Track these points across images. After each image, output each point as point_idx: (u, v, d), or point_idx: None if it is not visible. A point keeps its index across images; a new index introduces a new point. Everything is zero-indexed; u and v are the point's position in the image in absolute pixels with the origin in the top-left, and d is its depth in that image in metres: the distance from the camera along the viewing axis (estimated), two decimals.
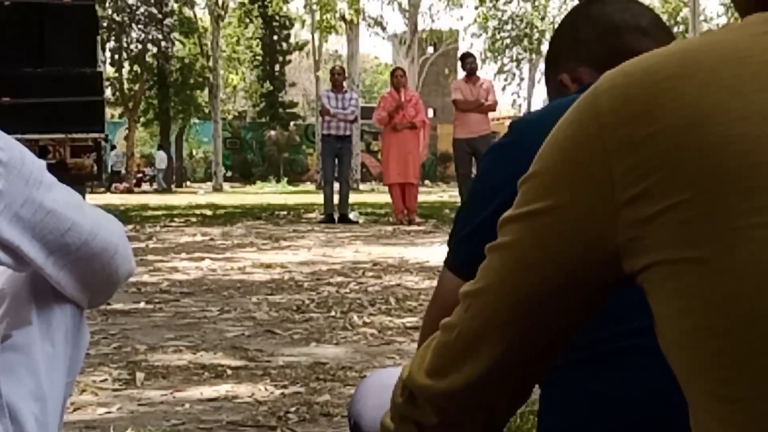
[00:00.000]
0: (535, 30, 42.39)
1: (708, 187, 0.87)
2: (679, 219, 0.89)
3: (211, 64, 35.85)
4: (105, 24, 31.32)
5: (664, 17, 40.29)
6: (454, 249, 1.51)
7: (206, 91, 37.31)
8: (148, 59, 34.99)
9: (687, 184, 0.88)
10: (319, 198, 15.62)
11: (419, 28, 35.62)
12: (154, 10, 33.81)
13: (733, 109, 0.88)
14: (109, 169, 31.27)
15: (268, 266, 7.98)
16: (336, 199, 13.52)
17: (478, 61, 14.26)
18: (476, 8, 41.08)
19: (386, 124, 13.31)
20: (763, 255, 0.86)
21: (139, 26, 33.90)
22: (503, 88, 45.60)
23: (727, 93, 0.88)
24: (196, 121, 41.32)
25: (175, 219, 14.37)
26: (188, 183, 40.23)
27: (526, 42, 43.26)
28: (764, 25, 0.92)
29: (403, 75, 13.71)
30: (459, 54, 15.14)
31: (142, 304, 5.94)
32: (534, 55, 42.56)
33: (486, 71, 47.00)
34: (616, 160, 0.92)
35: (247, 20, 41.23)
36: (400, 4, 35.32)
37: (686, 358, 0.91)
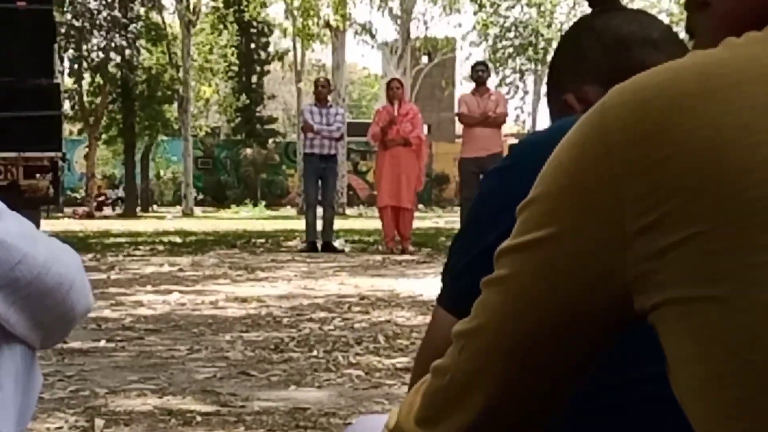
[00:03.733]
0: (541, 38, 42.52)
1: (728, 218, 0.87)
2: (696, 252, 0.88)
3: (181, 75, 35.87)
4: (63, 30, 31.27)
5: (683, 25, 40.53)
6: (448, 284, 1.51)
7: (175, 105, 37.33)
8: (111, 69, 34.92)
9: (705, 214, 0.87)
10: (300, 224, 15.62)
11: (412, 35, 35.70)
12: (118, 15, 33.79)
13: (758, 131, 0.87)
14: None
15: (244, 300, 7.97)
16: (319, 225, 13.53)
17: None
18: (475, 14, 41.17)
19: (380, 140, 13.30)
20: None
21: (101, 32, 33.85)
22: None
23: (751, 112, 0.88)
24: (165, 138, 41.31)
25: (140, 247, 14.35)
26: (155, 207, 40.20)
27: (530, 51, 43.37)
28: None
29: (399, 87, 13.65)
30: (456, 64, 15.17)
31: (102, 343, 5.93)
32: (539, 66, 42.65)
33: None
34: (625, 186, 0.91)
35: (221, 27, 41.25)
36: (390, 10, 35.42)
37: (702, 407, 0.90)
